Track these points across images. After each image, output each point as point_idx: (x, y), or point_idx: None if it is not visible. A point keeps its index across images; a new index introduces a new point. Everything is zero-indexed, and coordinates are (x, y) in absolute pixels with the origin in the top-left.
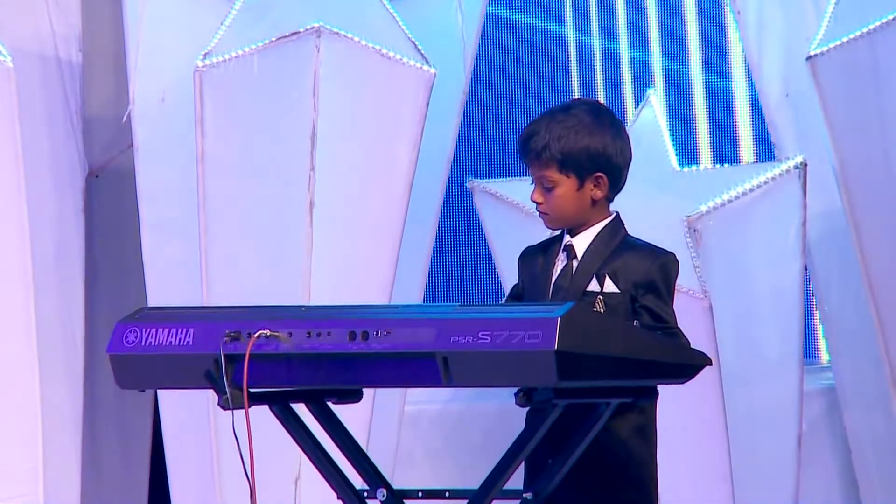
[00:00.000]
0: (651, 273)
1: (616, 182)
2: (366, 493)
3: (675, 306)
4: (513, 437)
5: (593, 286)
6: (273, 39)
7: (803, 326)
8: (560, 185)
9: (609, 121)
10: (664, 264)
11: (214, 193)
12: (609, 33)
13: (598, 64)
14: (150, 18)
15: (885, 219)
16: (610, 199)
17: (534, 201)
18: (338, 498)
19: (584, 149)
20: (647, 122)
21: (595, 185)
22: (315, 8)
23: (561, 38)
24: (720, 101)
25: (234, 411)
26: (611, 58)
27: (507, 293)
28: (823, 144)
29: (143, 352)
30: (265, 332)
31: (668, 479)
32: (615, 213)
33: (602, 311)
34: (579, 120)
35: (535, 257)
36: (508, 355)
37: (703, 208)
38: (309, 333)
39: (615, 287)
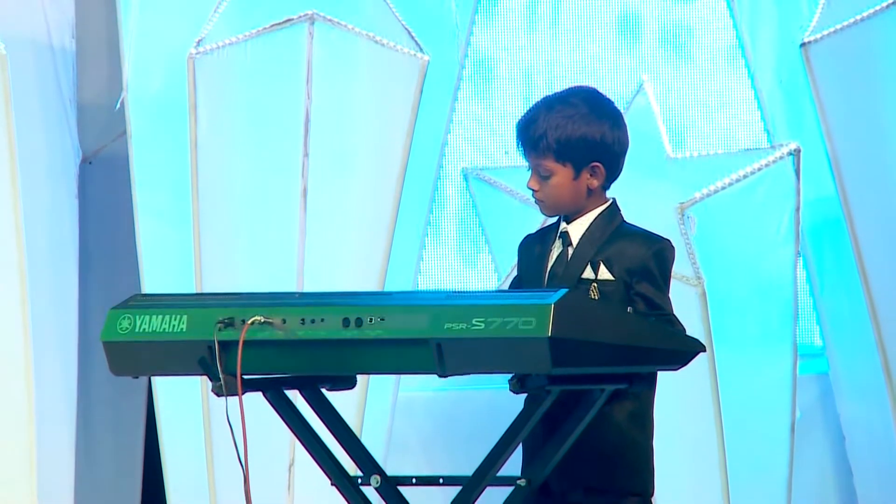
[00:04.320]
0: (645, 260)
1: (613, 170)
2: (359, 480)
3: (669, 293)
4: (507, 423)
5: (588, 273)
6: (266, 26)
7: (797, 313)
8: (556, 174)
9: (607, 109)
10: (659, 251)
11: (208, 180)
12: (605, 20)
13: (591, 50)
14: (143, 5)
15: (878, 205)
16: (606, 187)
17: (530, 188)
18: (331, 484)
19: (582, 138)
20: (641, 108)
21: (591, 175)
22: None
23: (556, 23)
24: (714, 88)
25: (228, 398)
26: (605, 44)
27: (503, 281)
28: (817, 131)
29: (136, 339)
30: (259, 318)
31: (661, 465)
32: (611, 200)
33: (596, 298)
34: (577, 109)
35: (533, 245)
36: (502, 342)
37: (697, 195)
38: (303, 320)
39: (609, 274)
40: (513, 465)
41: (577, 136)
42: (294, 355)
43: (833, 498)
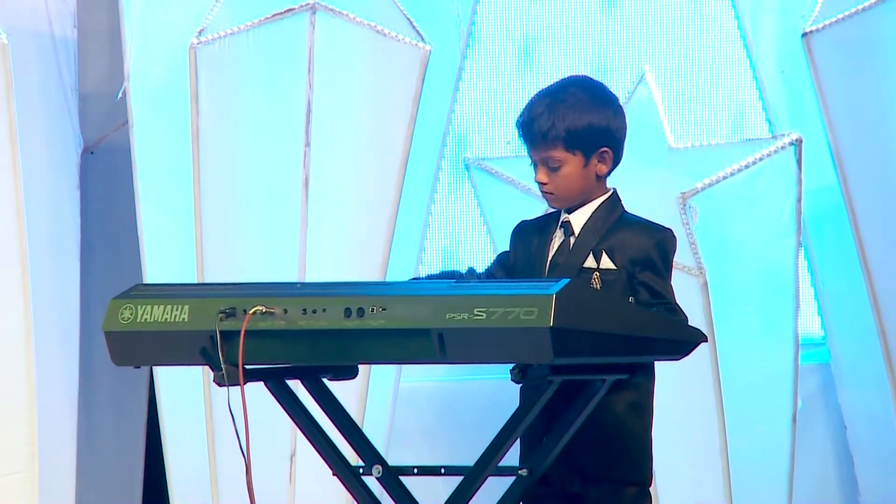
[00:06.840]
0: (648, 249)
1: (617, 155)
2: (361, 470)
3: (671, 281)
4: (508, 413)
5: (590, 263)
6: (268, 16)
7: (798, 302)
8: (567, 164)
9: (606, 95)
10: (661, 240)
11: (209, 170)
12: (605, 8)
13: (593, 39)
14: None
15: (879, 194)
16: (608, 176)
17: (538, 182)
18: (333, 474)
19: (588, 125)
20: (643, 98)
21: (600, 161)
22: None
23: (557, 11)
24: (716, 78)
25: (230, 388)
26: (606, 33)
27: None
28: (819, 121)
29: (138, 328)
30: (260, 308)
31: (663, 455)
32: (612, 190)
33: (599, 287)
34: (578, 98)
35: (531, 234)
36: (504, 332)
37: (699, 185)
38: (304, 310)
39: (612, 264)
40: (512, 456)
41: (583, 124)
42: (296, 345)
43: (834, 487)
